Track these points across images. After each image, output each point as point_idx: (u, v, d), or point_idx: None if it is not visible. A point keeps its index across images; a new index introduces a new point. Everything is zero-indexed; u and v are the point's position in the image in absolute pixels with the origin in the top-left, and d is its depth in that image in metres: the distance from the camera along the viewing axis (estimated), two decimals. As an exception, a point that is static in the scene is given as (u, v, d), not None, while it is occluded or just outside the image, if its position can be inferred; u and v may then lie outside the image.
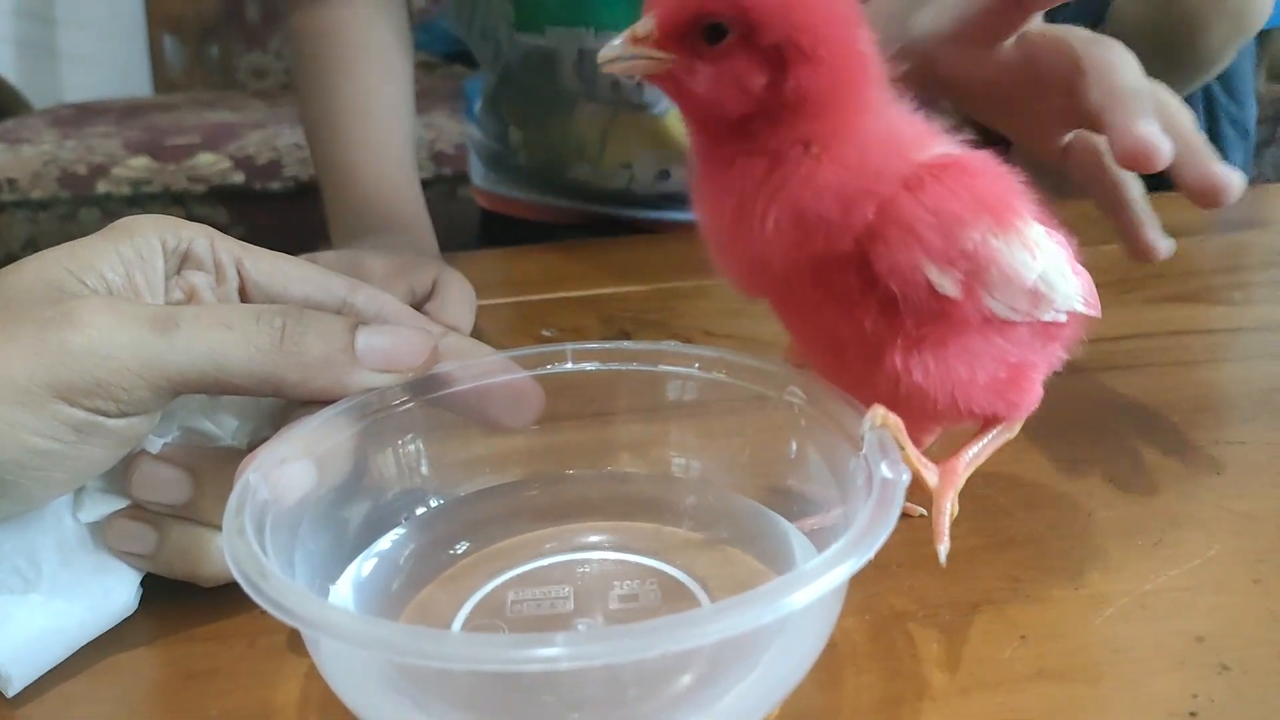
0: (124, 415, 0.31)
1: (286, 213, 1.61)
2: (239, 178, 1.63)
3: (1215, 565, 0.35)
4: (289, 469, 0.31)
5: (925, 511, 0.38)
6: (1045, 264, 0.31)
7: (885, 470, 0.27)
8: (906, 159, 0.30)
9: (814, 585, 0.23)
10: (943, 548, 0.31)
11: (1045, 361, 0.33)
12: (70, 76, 2.06)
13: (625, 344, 0.37)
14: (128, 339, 0.31)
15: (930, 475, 0.32)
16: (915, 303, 0.30)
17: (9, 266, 0.33)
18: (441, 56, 1.74)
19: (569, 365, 0.37)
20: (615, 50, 0.30)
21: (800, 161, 0.29)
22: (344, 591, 0.31)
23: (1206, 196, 0.41)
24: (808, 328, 0.34)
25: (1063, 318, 0.32)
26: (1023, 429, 0.35)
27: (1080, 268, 0.34)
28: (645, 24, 0.30)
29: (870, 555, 0.24)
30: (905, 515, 0.38)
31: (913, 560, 0.36)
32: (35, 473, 0.30)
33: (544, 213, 0.94)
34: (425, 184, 0.75)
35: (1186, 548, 0.36)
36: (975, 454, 0.33)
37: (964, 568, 0.36)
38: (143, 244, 0.35)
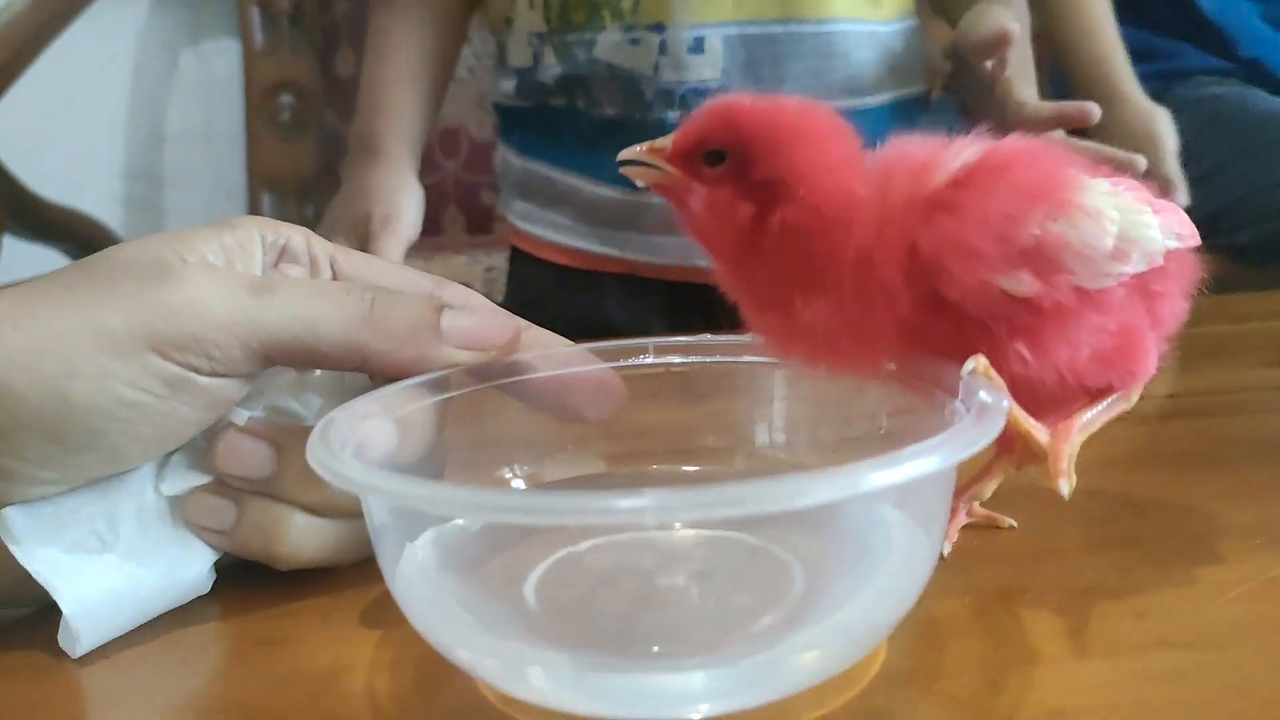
0: (215, 374, 0.31)
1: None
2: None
3: (1346, 559, 0.33)
4: (371, 423, 0.31)
5: (1015, 523, 0.36)
6: (1118, 224, 0.30)
7: (984, 396, 0.26)
8: (917, 199, 0.29)
9: (906, 467, 0.22)
10: (1063, 482, 0.29)
11: (1158, 320, 0.32)
12: (172, 230, 2.18)
13: (708, 337, 0.37)
14: (224, 297, 0.31)
15: (1040, 433, 0.31)
16: (1002, 313, 0.29)
17: (115, 247, 0.35)
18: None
19: (650, 359, 0.37)
20: (634, 154, 0.32)
21: (808, 309, 0.30)
22: (423, 547, 0.31)
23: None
24: None
25: (1159, 260, 0.31)
26: (1126, 458, 0.33)
27: (1162, 202, 0.33)
28: (666, 139, 0.31)
29: (968, 452, 0.23)
30: (995, 525, 0.36)
31: (1011, 557, 0.34)
32: (123, 425, 0.30)
33: (574, 258, 0.89)
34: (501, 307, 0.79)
35: (1312, 545, 0.34)
36: (1090, 419, 0.32)
37: (1069, 561, 0.34)
38: (243, 235, 0.36)
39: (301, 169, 2.11)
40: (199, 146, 2.18)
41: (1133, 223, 0.30)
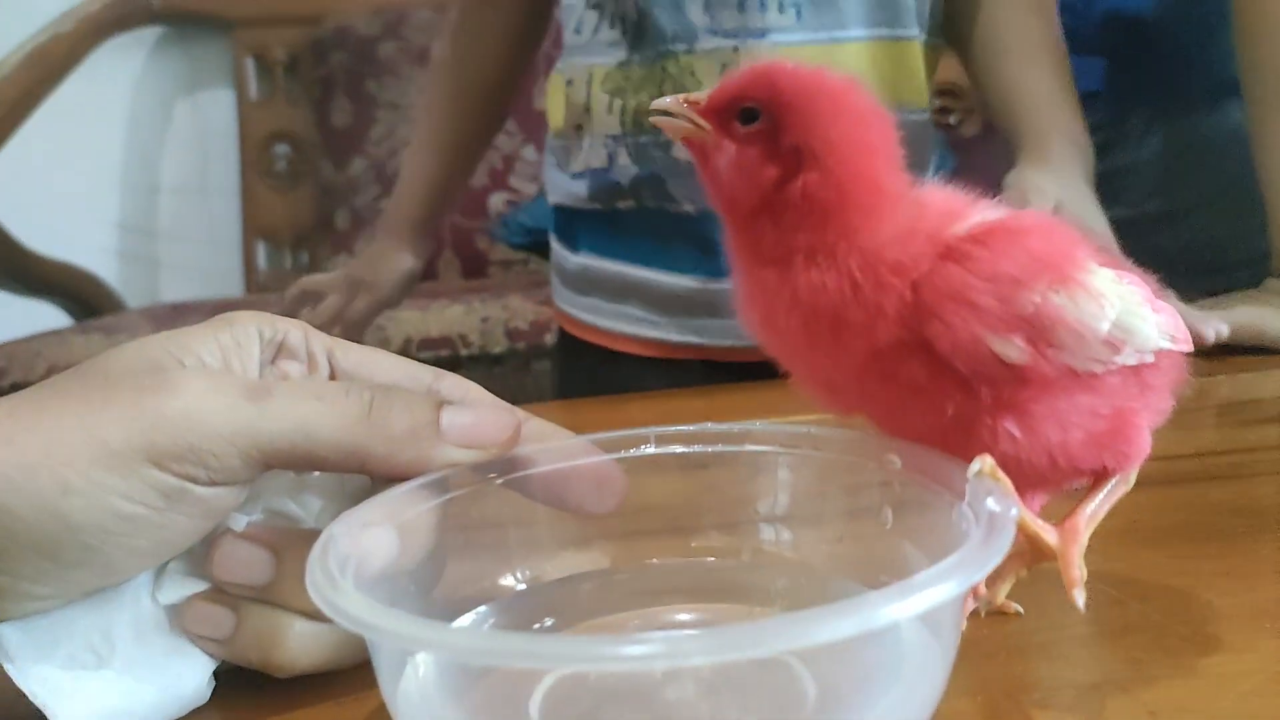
0: (213, 484, 0.31)
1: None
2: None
3: (1358, 646, 0.32)
4: (372, 533, 0.30)
5: (1021, 609, 0.36)
6: (1118, 310, 0.30)
7: (992, 504, 0.26)
8: (937, 234, 0.30)
9: (922, 596, 0.21)
10: (1078, 593, 0.29)
11: (1148, 407, 0.32)
12: (167, 283, 2.18)
13: (710, 426, 0.36)
14: (221, 405, 0.31)
15: (1049, 535, 0.31)
16: (987, 376, 0.30)
17: (113, 349, 0.35)
18: (520, 248, 1.82)
19: (652, 449, 0.36)
20: (667, 104, 0.32)
21: (804, 270, 0.30)
22: (424, 662, 0.30)
23: None
24: (901, 428, 0.33)
25: (1149, 358, 0.31)
26: (1126, 531, 0.33)
27: (1163, 304, 0.33)
28: (702, 92, 0.32)
29: (981, 574, 0.23)
30: (1003, 611, 0.35)
31: (1021, 649, 0.34)
32: (120, 539, 0.30)
33: (649, 347, 0.90)
34: (497, 358, 0.79)
35: (1322, 629, 0.33)
36: (1094, 510, 0.32)
37: (1078, 652, 0.33)
38: (240, 332, 0.36)
39: (297, 220, 2.12)
40: (194, 198, 2.19)
41: (1131, 313, 0.31)
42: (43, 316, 1.88)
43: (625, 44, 0.84)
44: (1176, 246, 0.98)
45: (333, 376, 0.37)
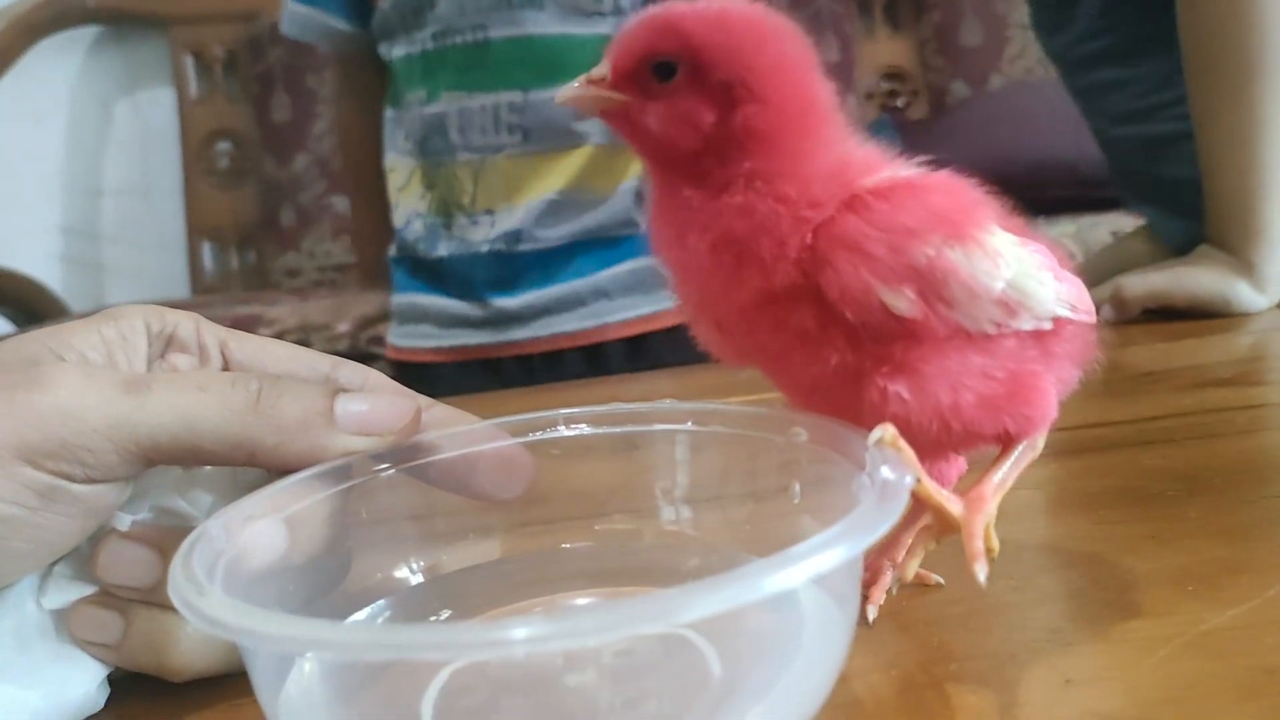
0: (90, 481, 0.30)
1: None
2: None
3: (1278, 604, 0.32)
4: (256, 526, 0.29)
5: (942, 580, 0.35)
6: (1014, 271, 0.30)
7: (887, 471, 0.25)
8: (849, 185, 0.29)
9: (811, 561, 0.21)
10: (979, 566, 0.28)
11: (1050, 372, 0.31)
12: (112, 286, 2.14)
13: (618, 406, 0.35)
14: (96, 399, 0.30)
15: (953, 505, 0.30)
16: (875, 328, 0.29)
17: None
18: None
19: (561, 430, 0.35)
20: (572, 91, 0.31)
21: (740, 193, 0.29)
22: (309, 663, 0.29)
23: None
24: (787, 379, 0.33)
25: (1047, 325, 0.31)
26: (1051, 497, 0.32)
27: (1069, 274, 0.32)
28: (601, 68, 0.31)
29: (869, 539, 0.22)
30: (922, 583, 0.35)
31: (939, 621, 0.33)
32: (-8, 541, 0.29)
33: (451, 354, 1.13)
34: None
35: (1242, 590, 0.33)
36: (1001, 477, 0.31)
37: (997, 621, 0.33)
38: (126, 326, 0.35)
39: (241, 217, 2.09)
40: (137, 200, 2.15)
41: (1028, 275, 0.30)
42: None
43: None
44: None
45: (226, 369, 0.36)
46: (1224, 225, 0.80)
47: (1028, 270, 0.30)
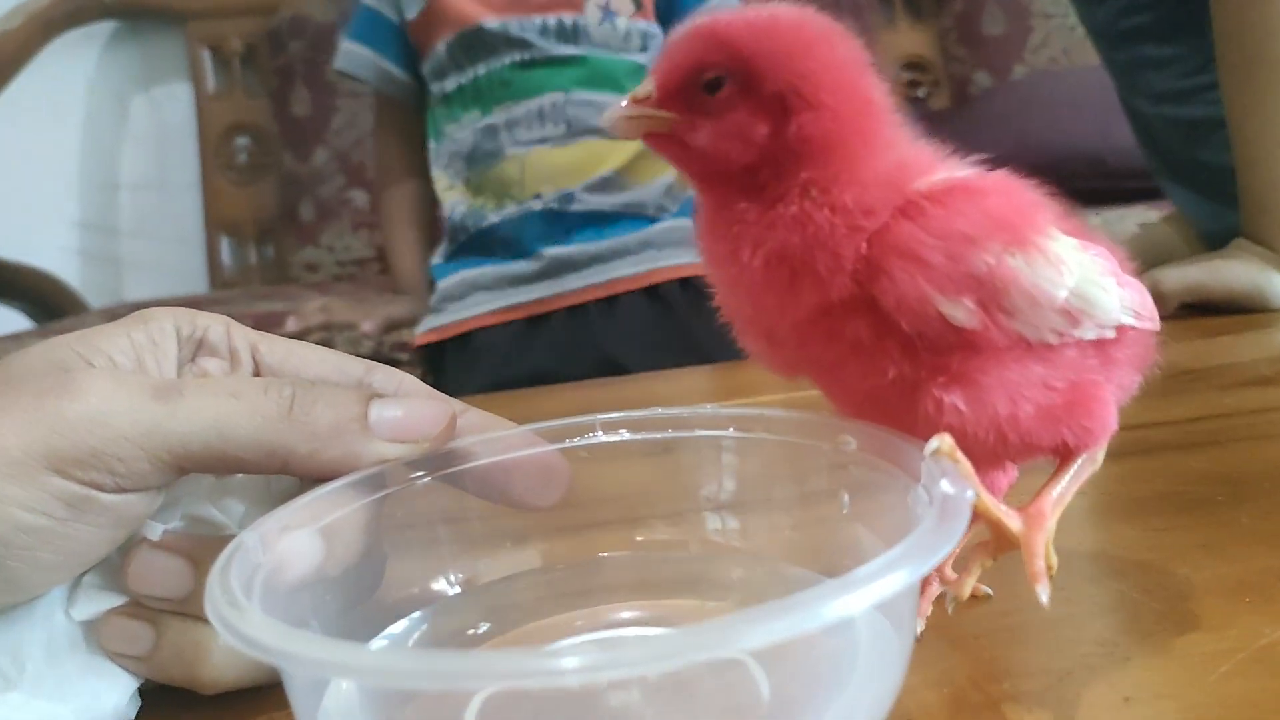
0: (121, 490, 0.29)
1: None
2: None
3: (1341, 617, 0.31)
4: (292, 537, 0.28)
5: (990, 591, 0.34)
6: (1077, 278, 0.29)
7: (946, 486, 0.24)
8: (903, 189, 0.28)
9: (872, 587, 0.20)
10: (1042, 587, 0.27)
11: (1111, 382, 0.30)
12: (130, 281, 2.14)
13: (658, 411, 0.34)
14: (127, 406, 0.29)
15: (1012, 521, 0.29)
16: (932, 338, 0.28)
17: (18, 352, 0.32)
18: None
19: (599, 436, 0.34)
20: (619, 111, 0.30)
21: (795, 203, 0.28)
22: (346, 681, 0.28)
23: None
24: (840, 391, 0.32)
25: (1110, 333, 0.30)
26: (1101, 505, 0.31)
27: (1131, 279, 0.31)
28: (646, 86, 0.29)
29: (933, 562, 0.21)
30: (974, 596, 0.34)
31: (990, 635, 0.32)
32: (23, 552, 0.28)
33: (501, 316, 1.15)
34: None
35: (1303, 601, 0.32)
36: (1060, 492, 0.30)
37: (1050, 635, 0.32)
38: (156, 329, 0.34)
39: (260, 212, 2.08)
40: (154, 194, 2.14)
41: (1091, 282, 0.29)
42: (2, 320, 1.84)
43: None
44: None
45: (258, 373, 0.35)
46: (1259, 220, 0.79)
47: (1091, 277, 0.29)
